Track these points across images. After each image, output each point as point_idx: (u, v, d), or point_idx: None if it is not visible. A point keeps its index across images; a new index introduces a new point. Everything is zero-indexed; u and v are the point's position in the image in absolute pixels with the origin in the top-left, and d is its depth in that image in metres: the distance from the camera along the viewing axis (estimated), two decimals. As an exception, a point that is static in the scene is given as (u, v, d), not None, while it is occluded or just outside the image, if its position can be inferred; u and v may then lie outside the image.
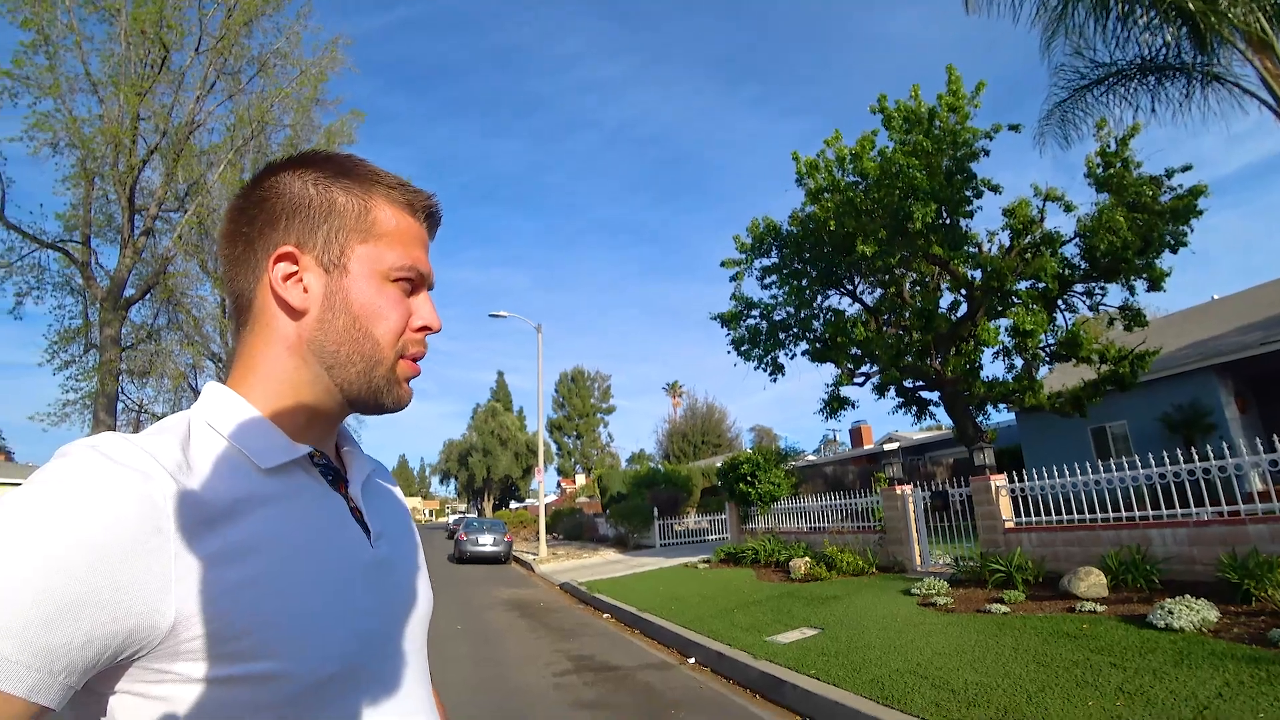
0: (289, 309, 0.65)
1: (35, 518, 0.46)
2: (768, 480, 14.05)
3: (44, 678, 0.43)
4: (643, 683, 5.60)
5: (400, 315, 0.68)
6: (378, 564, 0.67)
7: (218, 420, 0.61)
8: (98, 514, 0.47)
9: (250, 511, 0.56)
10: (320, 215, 0.66)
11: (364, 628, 0.62)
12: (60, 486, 0.47)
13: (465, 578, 15.19)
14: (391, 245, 0.68)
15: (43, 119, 16.53)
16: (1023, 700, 3.98)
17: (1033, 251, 11.94)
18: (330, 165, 0.69)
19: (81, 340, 19.40)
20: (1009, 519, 8.57)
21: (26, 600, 0.43)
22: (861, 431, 32.43)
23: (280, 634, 0.54)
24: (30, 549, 0.44)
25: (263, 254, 0.65)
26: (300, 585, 0.57)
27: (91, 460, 0.50)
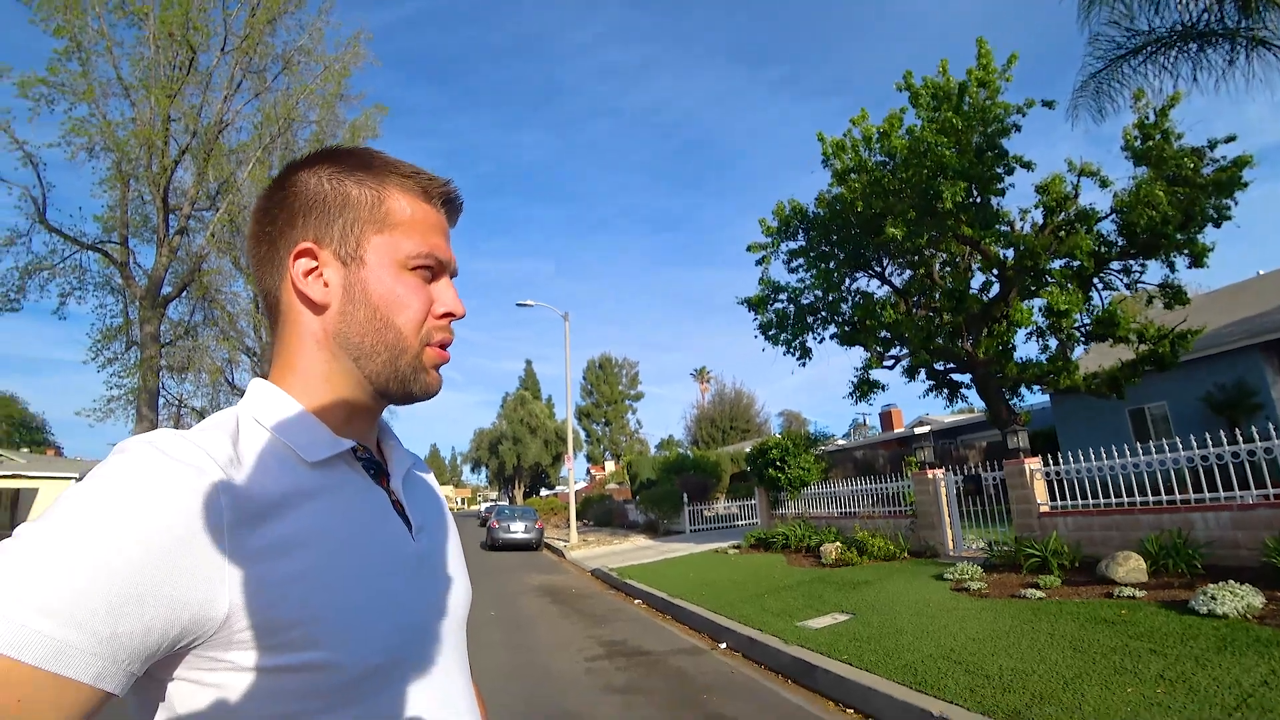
0: (311, 304, 0.66)
1: (98, 513, 0.47)
2: (797, 465, 13.99)
3: (108, 665, 0.45)
4: (674, 668, 5.65)
5: (421, 303, 0.68)
6: (419, 557, 0.68)
7: (264, 415, 0.62)
8: (157, 509, 0.49)
9: (298, 505, 0.58)
10: (335, 209, 0.67)
11: (407, 620, 0.63)
12: (121, 482, 0.49)
13: (498, 565, 15.43)
14: (408, 234, 0.68)
15: (78, 124, 16.95)
16: (1059, 686, 3.93)
17: (1067, 229, 11.63)
18: (346, 159, 0.70)
19: (123, 338, 19.98)
20: (1044, 503, 8.42)
21: (92, 592, 0.45)
22: (892, 415, 32.07)
23: (327, 626, 0.55)
24: (95, 543, 0.46)
25: (285, 252, 0.67)
26: (346, 578, 0.58)
27: (150, 456, 0.51)
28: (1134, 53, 8.93)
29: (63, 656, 0.43)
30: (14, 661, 0.42)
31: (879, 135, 12.42)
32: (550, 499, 47.93)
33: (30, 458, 35.80)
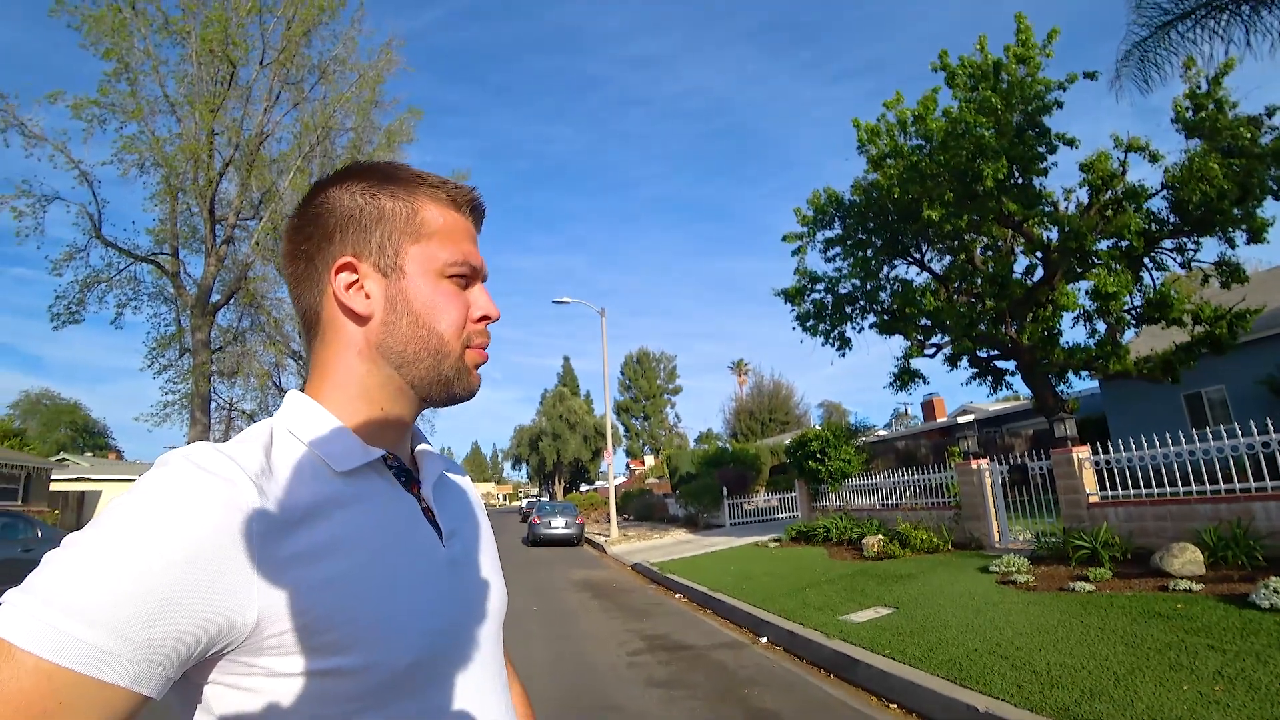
0: (354, 316, 0.68)
1: (134, 526, 0.50)
2: (838, 457, 13.84)
3: (144, 670, 0.48)
4: (716, 662, 5.67)
5: (459, 308, 0.71)
6: (450, 562, 0.70)
7: (298, 427, 0.65)
8: (189, 522, 0.51)
9: (327, 514, 0.59)
10: (371, 223, 0.69)
11: (437, 625, 0.65)
12: (157, 496, 0.52)
13: (539, 560, 15.64)
14: (442, 243, 0.71)
15: (129, 141, 17.63)
16: (1110, 683, 3.83)
17: (1115, 208, 11.23)
18: (374, 174, 0.72)
19: (176, 345, 20.77)
20: (1093, 493, 8.18)
21: (128, 601, 0.47)
22: (934, 404, 31.41)
23: (357, 631, 0.57)
24: (131, 554, 0.49)
25: (324, 268, 0.69)
26: (375, 584, 0.60)
27: (185, 470, 0.54)
28: (1182, 18, 8.55)
29: (101, 662, 0.46)
30: (57, 666, 0.45)
31: (914, 119, 12.16)
32: (590, 494, 48.28)
33: (94, 461, 37.54)
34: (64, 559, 0.49)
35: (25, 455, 28.84)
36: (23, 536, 9.32)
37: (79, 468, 34.02)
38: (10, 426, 39.08)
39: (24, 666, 0.45)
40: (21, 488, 26.06)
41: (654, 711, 4.42)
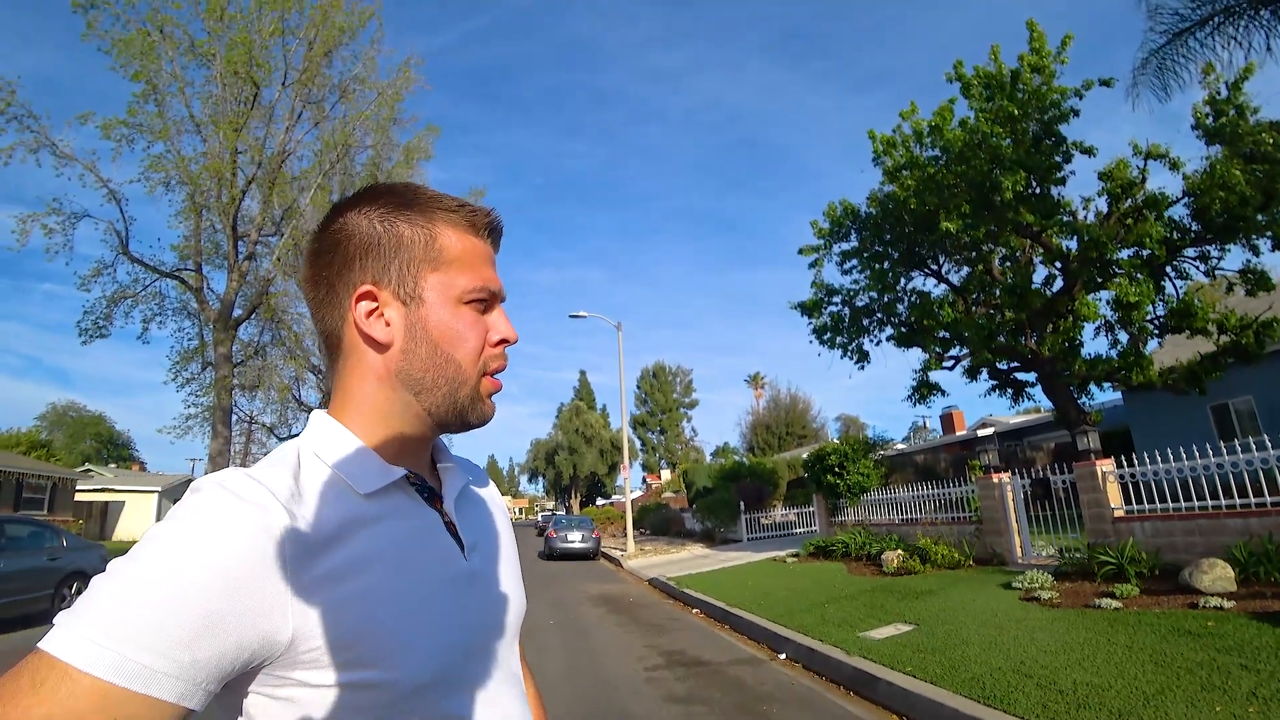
0: (374, 343, 0.69)
1: (175, 553, 0.53)
2: (856, 471, 13.70)
3: (188, 687, 0.51)
4: (734, 678, 5.61)
5: (478, 335, 0.72)
6: (470, 576, 0.71)
7: (323, 449, 0.67)
8: (226, 547, 0.54)
9: (353, 534, 0.62)
10: (390, 251, 0.69)
11: (458, 637, 0.67)
12: (195, 523, 0.55)
13: (555, 574, 15.60)
14: (461, 269, 0.71)
15: (156, 160, 18.06)
16: (1139, 703, 3.74)
17: (1135, 216, 11.09)
18: (392, 198, 0.72)
19: (199, 359, 21.09)
20: (1118, 507, 8.02)
21: (171, 623, 0.50)
22: (953, 417, 31.04)
23: (382, 645, 0.60)
24: (174, 579, 0.52)
25: (344, 294, 0.70)
26: (397, 600, 0.62)
27: (220, 497, 0.57)
28: (1199, 24, 8.47)
29: (150, 680, 0.49)
30: (111, 685, 0.48)
31: (930, 129, 12.12)
32: (607, 508, 48.17)
33: (118, 473, 38.11)
34: (111, 585, 0.52)
35: (51, 466, 29.33)
36: (49, 545, 9.47)
37: (103, 478, 34.56)
38: (37, 438, 39.78)
39: (80, 685, 0.48)
40: (48, 498, 26.50)
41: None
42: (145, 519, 33.39)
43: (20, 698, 0.47)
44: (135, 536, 32.06)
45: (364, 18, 20.83)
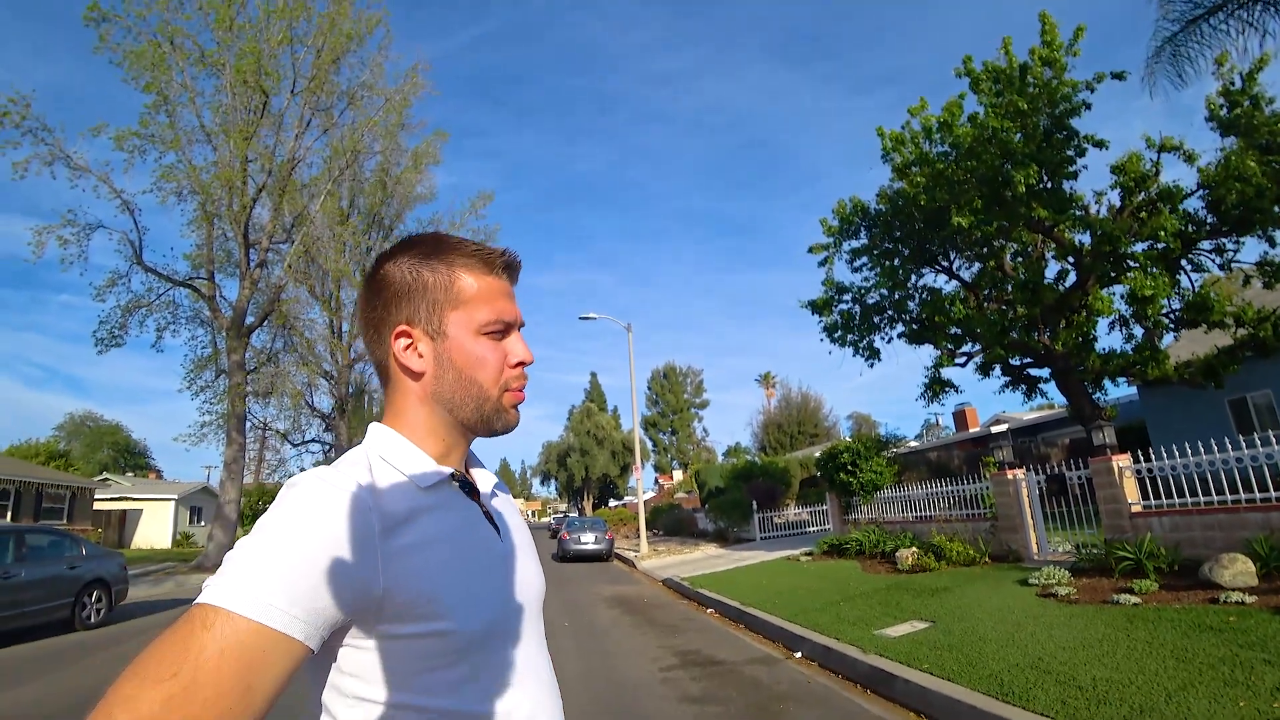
0: (410, 373, 0.85)
1: (297, 525, 0.68)
2: (869, 469, 13.64)
3: (311, 629, 0.66)
4: (750, 677, 5.60)
5: (496, 360, 0.86)
6: (506, 554, 0.88)
7: (386, 453, 0.82)
8: (335, 522, 0.69)
9: (419, 518, 0.77)
10: (418, 295, 0.84)
11: (501, 600, 0.83)
12: (308, 504, 0.70)
13: (569, 576, 15.61)
14: (478, 306, 0.85)
15: (168, 170, 18.25)
16: (1160, 699, 3.70)
17: (1149, 209, 10.99)
18: (420, 248, 0.87)
19: (212, 367, 21.24)
20: (1135, 502, 7.95)
21: (301, 581, 0.65)
22: (966, 414, 30.82)
23: (447, 603, 0.74)
24: (298, 547, 0.66)
25: (386, 333, 0.85)
26: (457, 569, 0.77)
27: (322, 486, 0.71)
28: (1213, 11, 8.36)
29: (288, 622, 0.64)
30: (262, 625, 0.62)
31: (939, 125, 12.06)
32: (619, 509, 48.13)
33: (135, 481, 38.46)
34: (249, 553, 0.66)
35: (70, 475, 29.67)
36: (68, 554, 9.58)
37: (121, 487, 34.90)
38: (56, 448, 40.25)
39: (239, 625, 0.62)
40: (67, 507, 26.80)
41: (688, 728, 4.37)
42: (163, 526, 33.67)
43: (195, 635, 0.61)
44: (154, 544, 32.38)
45: (371, 24, 20.99)
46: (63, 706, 5.38)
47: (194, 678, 0.58)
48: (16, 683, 6.31)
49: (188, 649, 0.60)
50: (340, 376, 24.85)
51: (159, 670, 0.58)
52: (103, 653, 7.82)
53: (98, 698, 0.58)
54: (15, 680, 6.43)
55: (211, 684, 0.58)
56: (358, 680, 0.73)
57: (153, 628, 9.58)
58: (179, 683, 0.58)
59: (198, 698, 0.57)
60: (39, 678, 6.53)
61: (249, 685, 0.60)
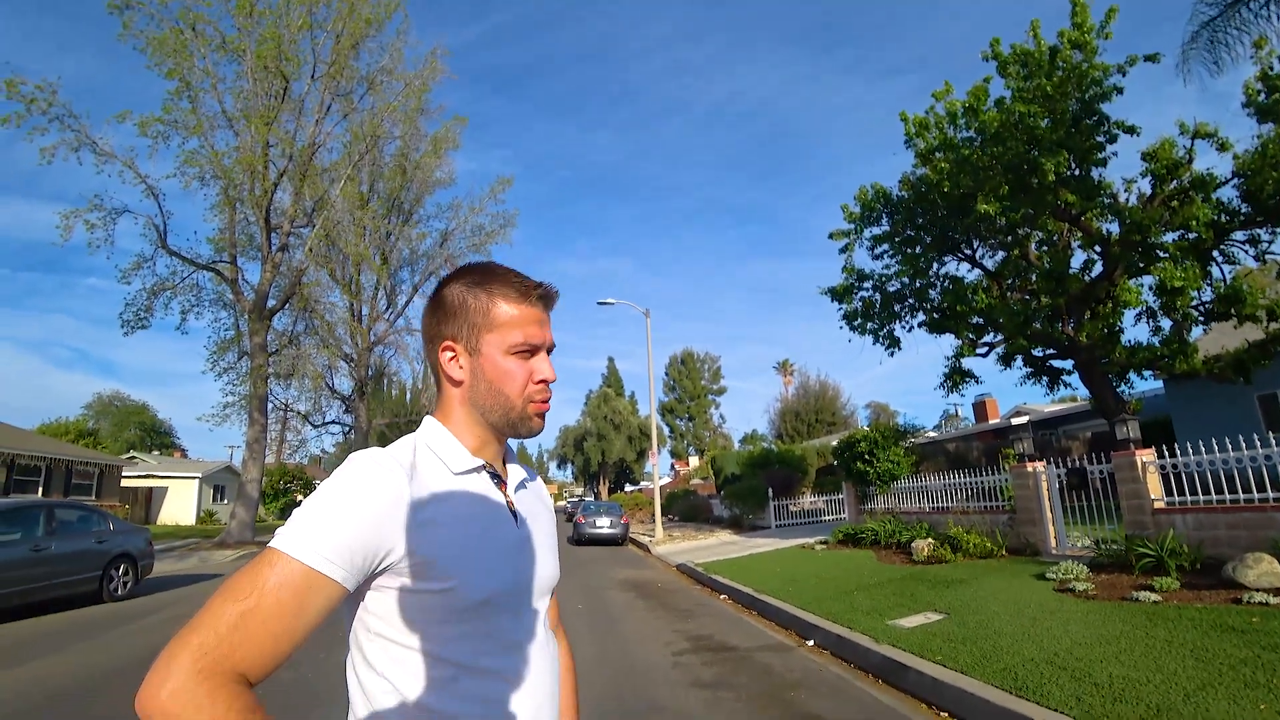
0: (452, 380, 1.02)
1: (347, 493, 0.85)
2: (886, 458, 13.55)
3: (350, 574, 0.83)
4: (762, 664, 5.61)
5: (522, 377, 1.00)
6: (520, 539, 1.01)
7: (430, 441, 0.99)
8: (376, 493, 0.86)
9: (445, 498, 0.93)
10: (462, 317, 1.00)
11: (508, 576, 0.96)
12: (359, 477, 0.87)
13: (584, 559, 15.73)
14: (510, 329, 1.00)
15: (191, 155, 18.45)
16: (1179, 699, 3.65)
17: (1181, 198, 10.70)
18: (471, 276, 1.03)
19: (235, 349, 21.55)
20: (1158, 498, 7.82)
21: (345, 535, 0.82)
22: (986, 405, 30.47)
23: (454, 570, 0.89)
24: (345, 509, 0.84)
25: (437, 345, 1.02)
26: (471, 542, 0.92)
27: (370, 464, 0.89)
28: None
29: (331, 567, 0.81)
30: (310, 567, 0.80)
31: (964, 110, 11.82)
32: (635, 494, 48.32)
33: (160, 459, 39.30)
34: (310, 511, 0.84)
35: (98, 454, 30.37)
36: (97, 529, 9.83)
37: (147, 465, 35.69)
38: (85, 426, 41.24)
39: (295, 568, 0.80)
40: (95, 484, 27.46)
41: (699, 713, 4.39)
42: (187, 504, 34.41)
43: (263, 570, 0.80)
44: (178, 521, 33.13)
45: (389, 9, 20.96)
46: (94, 674, 5.53)
47: (259, 601, 0.77)
48: (49, 651, 6.50)
49: (257, 579, 0.79)
50: (360, 359, 25.11)
51: (238, 592, 0.78)
52: (129, 624, 8.03)
53: (127, 666, 0.73)
54: (48, 648, 6.63)
55: (273, 606, 0.78)
56: (378, 619, 0.89)
57: (178, 601, 9.83)
58: (250, 603, 0.77)
59: (261, 615, 0.77)
60: (70, 646, 6.73)
61: (300, 610, 0.79)
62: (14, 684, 5.30)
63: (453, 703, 0.89)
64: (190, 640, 0.74)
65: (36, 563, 8.58)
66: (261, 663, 0.77)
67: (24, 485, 23.55)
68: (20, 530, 8.66)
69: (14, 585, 8.27)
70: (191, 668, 0.72)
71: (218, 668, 0.73)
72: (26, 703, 4.84)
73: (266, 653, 0.77)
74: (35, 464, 24.27)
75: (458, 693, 0.90)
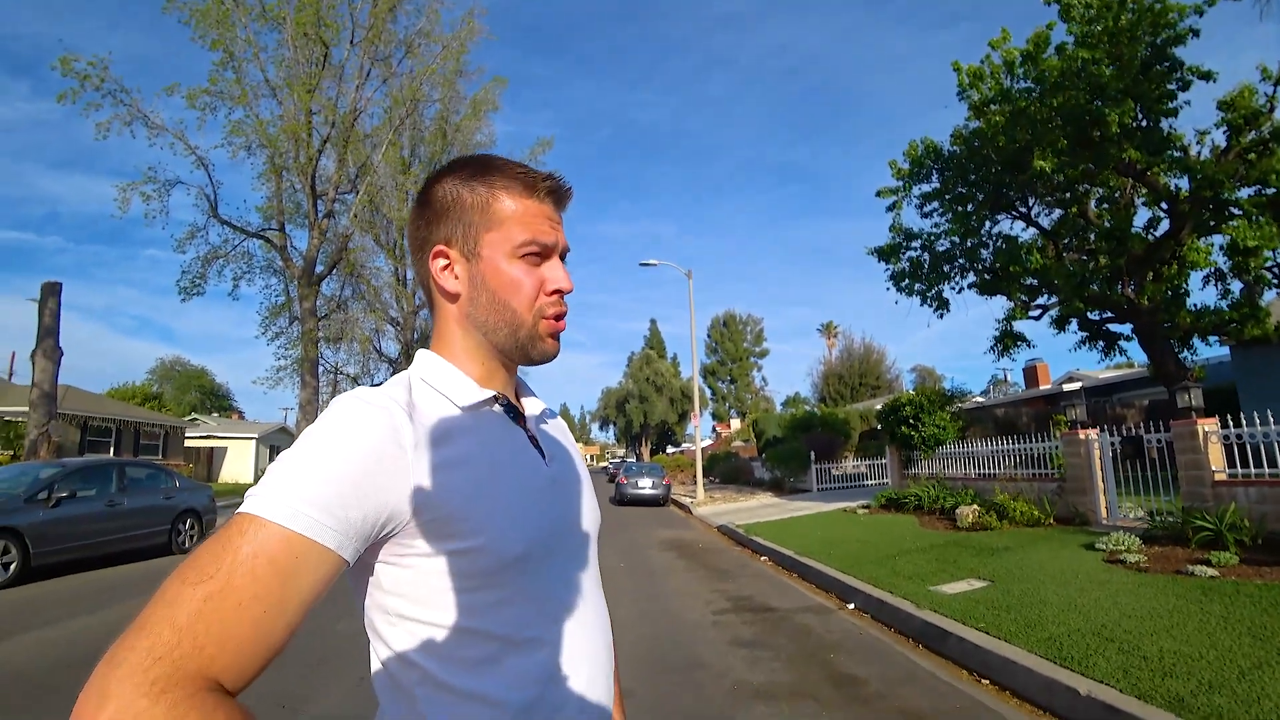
0: (446, 294, 0.84)
1: (330, 440, 0.68)
2: (932, 423, 13.31)
3: (344, 539, 0.65)
4: (801, 625, 5.66)
5: (532, 284, 0.83)
6: (551, 479, 0.85)
7: (427, 375, 0.82)
8: (366, 435, 0.69)
9: (455, 437, 0.76)
10: (455, 215, 0.83)
11: (542, 523, 0.80)
12: (342, 419, 0.70)
13: (626, 519, 16.00)
14: (514, 228, 0.82)
15: (237, 125, 18.84)
16: (1233, 676, 3.55)
17: (1259, 150, 10.03)
18: (465, 168, 0.86)
19: (286, 314, 22.22)
20: (1219, 469, 7.51)
21: (331, 489, 0.65)
22: (1037, 370, 29.55)
23: (480, 523, 0.73)
24: (330, 458, 0.67)
25: (427, 252, 0.85)
26: (493, 490, 0.76)
27: (358, 404, 0.72)
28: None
29: (319, 530, 0.64)
30: (292, 531, 0.62)
31: (1023, 59, 11.20)
32: (676, 456, 48.72)
33: (220, 421, 41.12)
34: (285, 466, 0.67)
35: (163, 416, 31.95)
36: (164, 486, 10.41)
37: (208, 426, 37.41)
38: (149, 390, 43.28)
39: (270, 531, 0.62)
40: (161, 444, 28.99)
41: (739, 670, 4.47)
42: (245, 463, 36.06)
43: (232, 541, 0.62)
44: (239, 479, 34.74)
45: (425, -30, 20.74)
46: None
47: (229, 580, 0.60)
48: (126, 597, 6.97)
49: (224, 553, 0.61)
50: (406, 323, 25.65)
51: (199, 572, 0.61)
52: (198, 577, 8.54)
53: None
54: (124, 595, 7.11)
55: (247, 586, 0.60)
56: (396, 598, 0.73)
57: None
58: (216, 584, 0.59)
59: (233, 598, 0.59)
60: (146, 593, 6.98)
61: (283, 589, 0.61)
62: (97, 627, 5.72)
63: (498, 685, 0.73)
64: (136, 644, 0.57)
65: (111, 517, 9.13)
66: (239, 663, 0.59)
67: (96, 445, 25.00)
68: (96, 487, 9.20)
69: (92, 538, 8.83)
70: (142, 679, 0.54)
71: (177, 674, 0.55)
72: (105, 644, 5.21)
73: (244, 649, 0.59)
74: (107, 425, 25.68)
75: (503, 672, 0.74)
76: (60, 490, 8.51)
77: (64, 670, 4.56)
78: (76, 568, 8.72)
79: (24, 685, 4.34)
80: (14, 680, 4.43)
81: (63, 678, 4.40)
